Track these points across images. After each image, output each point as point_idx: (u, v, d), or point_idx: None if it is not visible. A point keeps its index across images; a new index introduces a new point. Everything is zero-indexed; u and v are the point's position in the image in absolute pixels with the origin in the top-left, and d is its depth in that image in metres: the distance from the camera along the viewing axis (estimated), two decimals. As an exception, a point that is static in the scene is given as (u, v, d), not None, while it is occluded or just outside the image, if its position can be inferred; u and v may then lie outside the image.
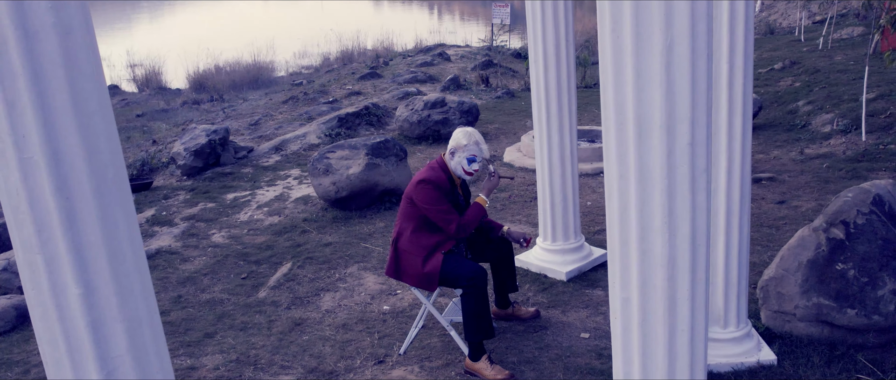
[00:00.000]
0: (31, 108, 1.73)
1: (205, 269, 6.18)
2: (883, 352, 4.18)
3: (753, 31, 4.01)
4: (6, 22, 1.68)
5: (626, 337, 2.59)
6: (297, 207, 7.59)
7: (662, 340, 2.53)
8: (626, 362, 2.62)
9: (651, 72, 2.30)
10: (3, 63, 1.71)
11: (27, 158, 1.76)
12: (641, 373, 2.59)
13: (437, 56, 18.72)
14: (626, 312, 2.56)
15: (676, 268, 2.46)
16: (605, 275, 5.58)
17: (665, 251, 2.43)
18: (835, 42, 13.45)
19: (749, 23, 3.89)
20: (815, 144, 8.31)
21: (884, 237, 4.16)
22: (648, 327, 2.53)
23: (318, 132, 9.90)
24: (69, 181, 1.79)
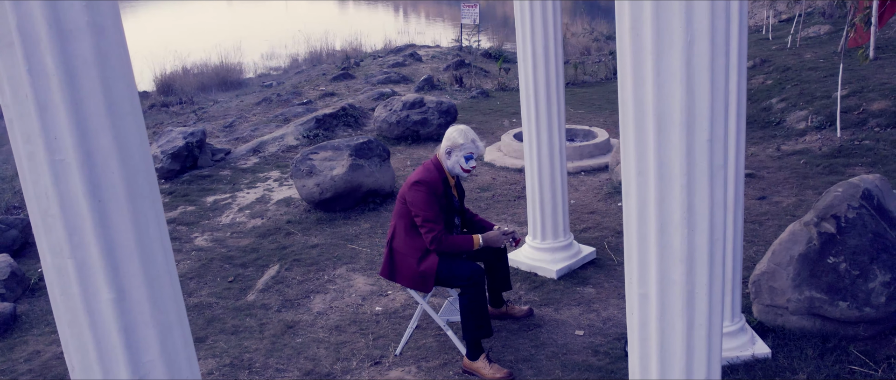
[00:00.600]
0: (65, 109, 1.69)
1: (190, 273, 6.10)
2: (874, 343, 4.26)
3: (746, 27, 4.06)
4: (40, 21, 1.64)
5: (644, 333, 2.61)
6: (280, 209, 7.53)
7: (681, 335, 2.55)
8: (644, 358, 2.64)
9: (671, 69, 2.31)
10: (36, 63, 1.67)
11: (59, 160, 1.73)
12: (659, 368, 2.61)
13: (409, 57, 18.69)
14: (644, 307, 2.58)
15: (695, 263, 2.48)
16: (594, 273, 5.62)
17: (684, 247, 2.46)
18: (803, 40, 13.68)
19: (743, 19, 3.94)
20: (791, 140, 8.44)
21: (874, 231, 4.24)
22: (666, 322, 2.55)
23: (295, 134, 9.83)
24: (101, 184, 1.76)
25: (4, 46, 1.69)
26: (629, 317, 2.68)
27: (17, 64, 1.68)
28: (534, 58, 5.31)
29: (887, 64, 10.24)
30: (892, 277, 4.17)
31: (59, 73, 1.67)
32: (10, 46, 1.68)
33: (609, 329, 4.79)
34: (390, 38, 27.46)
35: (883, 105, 8.35)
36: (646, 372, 2.65)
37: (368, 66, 17.90)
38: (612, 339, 4.68)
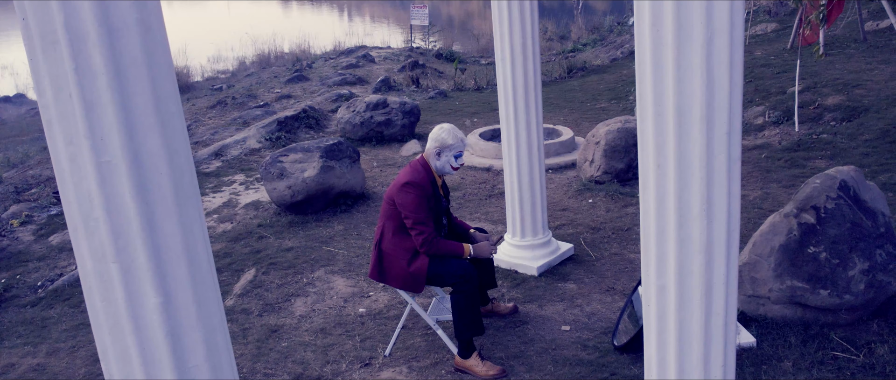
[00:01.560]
0: (113, 108, 1.65)
1: (163, 279, 5.96)
2: (854, 329, 4.39)
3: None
4: (89, 18, 1.59)
5: (662, 324, 2.65)
6: (249, 212, 7.42)
7: (699, 324, 2.59)
8: (662, 348, 2.68)
9: (692, 64, 2.35)
10: (83, 62, 1.62)
11: (105, 162, 1.68)
12: (677, 357, 2.65)
13: (362, 58, 18.59)
14: (662, 299, 2.62)
15: (713, 254, 2.53)
16: (573, 269, 5.67)
17: (703, 238, 2.50)
18: (752, 38, 14.02)
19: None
20: (751, 135, 8.65)
21: (852, 220, 4.36)
22: (685, 312, 2.59)
23: (258, 136, 9.70)
24: (149, 185, 1.72)
25: (48, 45, 1.63)
26: (646, 309, 2.71)
27: (62, 62, 1.63)
28: (512, 57, 5.33)
29: (837, 60, 10.56)
30: (870, 265, 4.31)
31: (107, 72, 1.62)
32: (55, 44, 1.63)
33: (594, 324, 4.84)
34: (339, 40, 27.29)
35: (837, 100, 8.61)
36: (663, 363, 2.69)
37: (321, 68, 17.76)
38: (598, 333, 4.73)
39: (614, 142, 7.57)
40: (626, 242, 6.08)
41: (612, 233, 6.31)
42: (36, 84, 1.70)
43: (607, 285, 5.36)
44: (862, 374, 4.00)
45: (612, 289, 5.30)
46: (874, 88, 8.77)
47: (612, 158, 7.60)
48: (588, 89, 13.49)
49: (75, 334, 5.15)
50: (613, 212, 6.82)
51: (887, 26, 11.84)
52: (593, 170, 7.72)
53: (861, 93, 8.68)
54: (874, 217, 4.47)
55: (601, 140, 7.66)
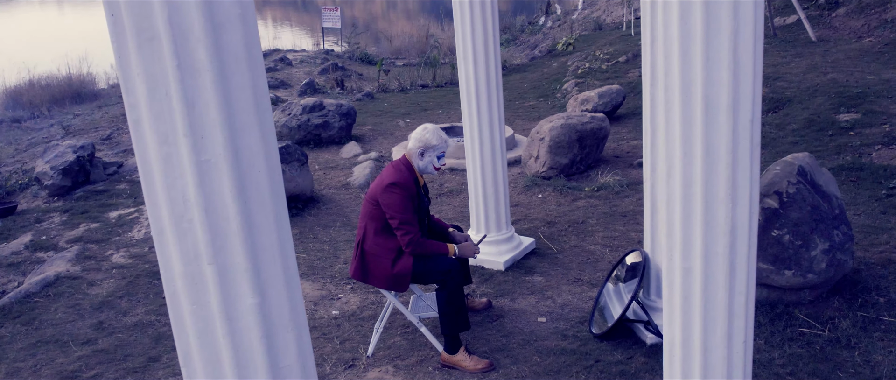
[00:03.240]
0: (216, 106, 1.61)
1: (118, 291, 5.76)
2: (816, 306, 4.64)
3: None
4: (194, 13, 1.56)
5: (687, 305, 2.75)
6: (194, 220, 7.22)
7: (723, 303, 2.71)
8: (687, 328, 2.78)
9: (720, 55, 2.46)
10: (185, 58, 1.58)
11: (205, 161, 1.64)
12: (702, 336, 2.76)
13: (279, 61, 18.31)
14: (688, 281, 2.72)
15: (737, 235, 2.64)
16: (538, 262, 5.77)
17: (728, 221, 2.61)
18: (666, 35, 14.51)
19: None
20: (682, 128, 8.96)
21: (812, 204, 4.61)
22: (710, 293, 2.70)
23: (191, 143, 9.44)
24: (247, 184, 1.69)
25: (144, 41, 1.59)
26: (669, 291, 2.81)
27: (162, 59, 1.58)
28: (474, 56, 5.40)
29: (752, 55, 11.06)
30: (830, 245, 4.56)
31: (211, 68, 1.59)
32: (152, 41, 1.58)
33: (569, 314, 4.95)
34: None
35: (762, 91, 9.02)
36: (688, 341, 2.79)
37: (239, 72, 17.38)
38: (575, 323, 4.84)
39: (558, 138, 7.74)
40: (584, 235, 6.24)
41: (567, 226, 6.45)
42: (124, 82, 1.65)
43: (574, 277, 5.48)
44: (830, 347, 4.24)
45: (580, 280, 5.43)
46: (794, 81, 9.25)
47: (556, 153, 7.76)
48: (513, 88, 13.70)
49: (35, 352, 4.92)
50: (565, 206, 6.98)
51: (794, 21, 12.49)
52: (539, 166, 7.86)
53: (783, 85, 9.15)
54: (829, 200, 4.74)
55: (545, 137, 7.81)
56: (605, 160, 8.23)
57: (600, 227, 6.38)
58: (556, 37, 19.55)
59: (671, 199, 2.69)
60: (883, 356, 4.09)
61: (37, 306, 5.58)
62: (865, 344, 4.22)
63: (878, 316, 4.46)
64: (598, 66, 12.82)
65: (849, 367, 4.05)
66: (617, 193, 7.15)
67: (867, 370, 4.00)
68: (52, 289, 5.82)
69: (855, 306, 4.57)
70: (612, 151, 8.59)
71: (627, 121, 9.86)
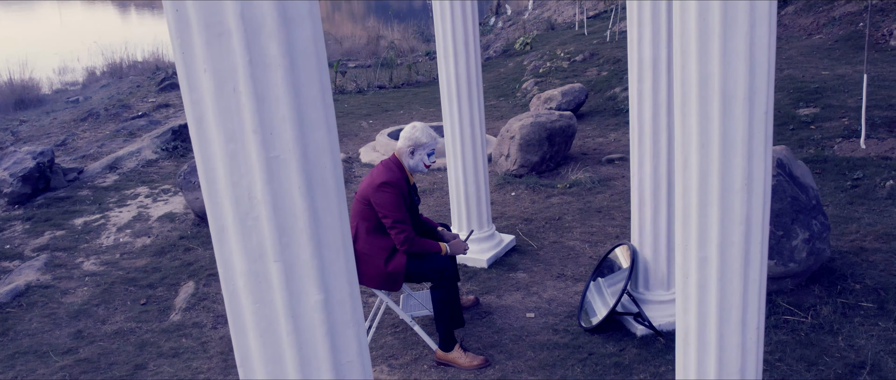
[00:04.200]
0: (286, 101, 1.60)
1: (93, 299, 5.63)
2: (797, 294, 4.78)
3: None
4: (267, 7, 1.54)
5: (703, 293, 2.81)
6: (164, 225, 7.10)
7: (738, 292, 2.78)
8: (702, 317, 2.84)
9: (737, 49, 2.53)
10: (256, 53, 1.57)
11: (273, 157, 1.63)
12: (718, 324, 2.82)
13: (232, 64, 18.06)
14: (704, 270, 2.78)
15: (752, 224, 2.72)
16: (519, 259, 5.82)
17: (744, 210, 2.68)
18: (620, 34, 14.76)
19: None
20: (646, 125, 9.13)
21: (791, 195, 4.75)
22: (726, 281, 2.77)
23: (153, 147, 9.27)
24: (314, 180, 1.68)
25: (213, 37, 1.57)
26: (684, 280, 2.87)
27: (232, 54, 1.57)
28: (455, 56, 5.42)
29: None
30: (809, 235, 4.71)
31: (283, 63, 1.58)
32: (222, 36, 1.56)
33: (556, 309, 5.01)
34: (198, 47, 26.33)
35: (720, 89, 9.23)
36: (704, 329, 2.85)
37: (191, 75, 17.09)
38: (563, 317, 4.89)
39: (528, 136, 7.81)
40: (562, 231, 6.31)
41: (544, 223, 6.52)
42: (187, 79, 1.63)
43: (557, 272, 5.55)
44: (814, 333, 4.37)
45: (563, 275, 5.49)
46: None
47: (527, 151, 7.83)
48: (472, 88, 13.75)
49: (13, 364, 4.77)
50: (539, 203, 7.04)
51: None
52: (510, 164, 7.92)
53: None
54: (807, 191, 4.89)
55: (516, 135, 7.87)
56: (573, 157, 8.34)
57: (577, 223, 6.46)
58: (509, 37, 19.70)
59: (687, 190, 2.75)
60: (865, 340, 4.23)
61: (10, 316, 5.42)
62: (847, 329, 4.36)
63: (857, 302, 4.61)
64: (560, 65, 12.96)
65: (834, 352, 4.18)
66: (589, 190, 7.25)
67: (852, 354, 4.13)
68: (24, 299, 5.66)
69: (834, 293, 4.71)
70: (579, 149, 8.70)
71: (591, 119, 10.00)
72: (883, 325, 4.36)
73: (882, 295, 4.64)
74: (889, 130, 7.15)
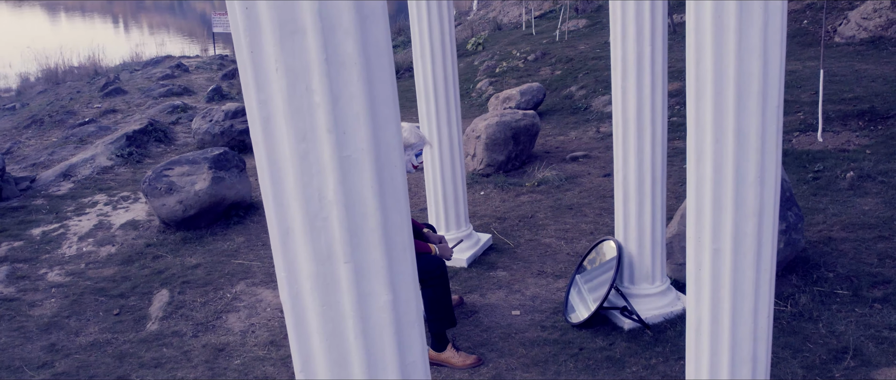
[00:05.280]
0: (360, 99, 1.58)
1: (63, 311, 5.45)
2: (777, 284, 4.87)
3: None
4: (345, 5, 1.53)
5: (717, 284, 2.87)
6: (128, 233, 6.92)
7: (751, 281, 2.85)
8: (716, 306, 2.90)
9: (752, 45, 2.59)
10: (332, 51, 1.55)
11: (346, 157, 1.61)
12: (731, 313, 2.89)
13: (176, 68, 17.72)
14: (718, 261, 2.85)
15: (764, 216, 2.79)
16: (498, 258, 5.85)
17: (757, 202, 2.75)
18: (568, 33, 14.94)
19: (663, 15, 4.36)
20: (605, 122, 9.28)
21: (768, 187, 4.87)
22: (739, 273, 2.83)
23: (107, 153, 9.03)
24: (384, 179, 1.66)
25: (287, 35, 1.54)
26: (696, 272, 2.93)
27: (307, 52, 1.54)
28: (431, 56, 5.41)
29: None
30: (786, 226, 4.84)
31: (359, 61, 1.56)
32: (296, 34, 1.54)
33: (541, 306, 5.05)
34: (135, 52, 25.78)
35: (675, 86, 9.44)
36: (717, 319, 2.91)
37: (134, 80, 16.72)
38: (549, 314, 4.93)
39: (494, 135, 7.85)
40: (536, 229, 6.36)
41: (518, 221, 6.56)
42: (254, 79, 1.59)
43: (537, 270, 5.59)
44: (796, 321, 4.50)
45: (543, 272, 5.54)
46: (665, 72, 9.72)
47: (493, 150, 7.87)
48: (425, 89, 13.75)
49: (-13, 381, 4.60)
50: (509, 202, 7.09)
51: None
52: (476, 163, 7.95)
53: (696, 79, 9.57)
54: (780, 183, 5.02)
55: (481, 134, 7.91)
56: (537, 156, 8.41)
57: (550, 220, 6.52)
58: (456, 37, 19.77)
59: (700, 183, 2.80)
60: (845, 327, 4.37)
61: (-24, 331, 5.21)
62: (827, 317, 4.49)
63: (833, 290, 4.76)
64: (516, 64, 13.05)
65: (816, 339, 4.31)
66: (558, 187, 7.32)
67: (834, 340, 4.27)
68: (-10, 312, 5.45)
69: (810, 281, 4.86)
70: (542, 147, 8.78)
71: (549, 117, 10.10)
72: (859, 311, 4.51)
73: (855, 282, 4.80)
74: (843, 123, 7.40)
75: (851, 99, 7.80)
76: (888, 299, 4.58)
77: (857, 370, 3.99)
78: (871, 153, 6.66)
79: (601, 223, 6.33)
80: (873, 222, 5.54)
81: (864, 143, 6.91)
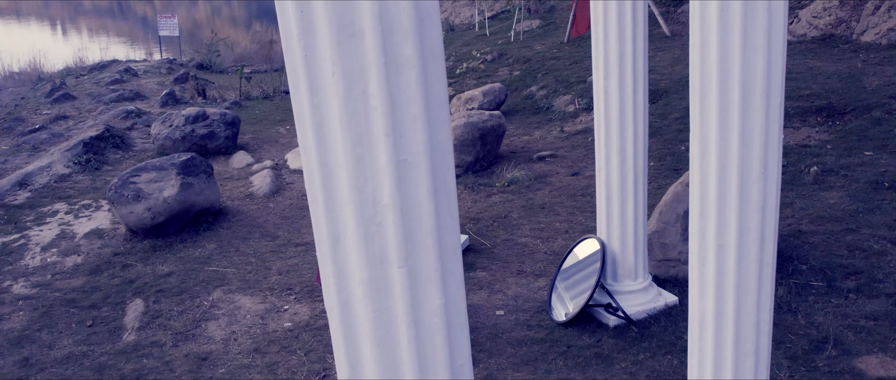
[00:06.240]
0: (419, 102, 1.58)
1: (33, 324, 5.29)
2: (753, 278, 5.02)
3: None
4: (404, 8, 1.51)
5: (721, 279, 2.93)
6: (93, 242, 6.75)
7: (754, 275, 2.91)
8: (720, 301, 2.96)
9: (756, 45, 2.65)
10: (390, 54, 1.54)
11: (403, 160, 1.60)
12: (735, 306, 2.94)
13: (124, 72, 17.31)
14: (722, 256, 2.90)
15: (767, 211, 2.85)
16: (476, 258, 5.87)
17: (761, 198, 2.81)
18: (524, 34, 15.05)
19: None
20: (569, 122, 9.37)
21: (744, 183, 4.98)
22: (744, 267, 2.89)
23: (64, 161, 8.78)
24: (438, 182, 1.66)
25: (345, 38, 1.52)
26: (701, 267, 2.98)
27: (365, 56, 1.53)
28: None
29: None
30: (762, 220, 4.95)
31: (417, 64, 1.55)
32: (354, 37, 1.52)
33: (524, 305, 5.08)
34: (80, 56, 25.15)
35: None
36: (721, 313, 2.97)
37: (82, 85, 16.30)
38: (533, 313, 4.97)
39: (462, 136, 7.87)
40: (511, 229, 6.39)
41: (492, 221, 6.59)
42: (307, 83, 1.57)
43: (516, 269, 5.62)
44: (776, 313, 4.60)
45: (523, 272, 5.57)
46: (665, 73, 9.89)
47: (462, 151, 7.89)
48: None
49: (-40, 399, 4.44)
50: (481, 202, 7.11)
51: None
52: (445, 165, 7.95)
53: (656, 77, 9.75)
54: (755, 179, 5.14)
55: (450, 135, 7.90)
56: (504, 156, 8.45)
57: (524, 220, 6.56)
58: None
59: (705, 180, 2.85)
60: (823, 317, 4.50)
61: (-58, 347, 5.03)
62: (804, 308, 4.62)
63: (808, 282, 4.89)
64: (476, 65, 13.09)
65: (797, 329, 4.42)
66: (528, 187, 7.37)
67: (813, 331, 4.38)
68: (-45, 328, 5.26)
69: (785, 274, 4.98)
70: (508, 147, 8.83)
71: (512, 118, 10.16)
72: (835, 302, 4.64)
73: (829, 274, 4.94)
74: (802, 119, 7.60)
75: (809, 96, 8.02)
76: (861, 290, 4.72)
77: (840, 359, 4.10)
78: (832, 148, 6.86)
79: (575, 222, 6.39)
80: (840, 215, 5.71)
81: (825, 138, 7.11)
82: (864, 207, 5.73)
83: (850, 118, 7.39)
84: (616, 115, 4.52)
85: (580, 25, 13.07)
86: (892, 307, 4.47)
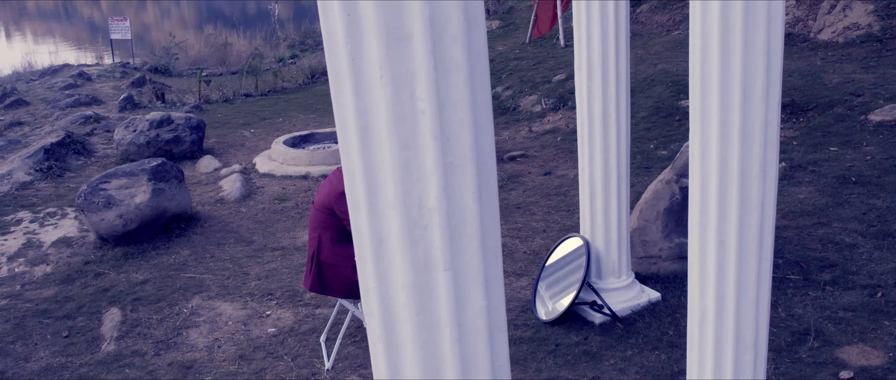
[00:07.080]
0: (466, 105, 1.57)
1: (6, 336, 5.15)
2: (732, 273, 5.12)
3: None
4: (454, 10, 1.52)
5: (722, 275, 2.98)
6: (62, 251, 6.60)
7: (754, 271, 2.97)
8: (720, 297, 3.01)
9: (756, 45, 2.71)
10: (439, 57, 1.54)
11: (449, 163, 1.60)
12: (736, 299, 3.00)
13: (78, 77, 16.92)
14: (723, 252, 2.96)
15: (766, 208, 2.91)
16: (456, 258, 5.86)
17: (760, 194, 2.88)
18: (485, 35, 15.11)
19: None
20: (536, 122, 9.44)
21: (722, 180, 5.08)
22: (744, 262, 2.95)
23: (25, 168, 8.56)
24: (483, 185, 1.66)
25: (394, 41, 1.52)
26: (701, 263, 3.03)
27: (414, 59, 1.52)
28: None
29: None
30: (740, 216, 5.05)
31: (466, 67, 1.55)
32: (403, 40, 1.52)
33: (508, 305, 5.10)
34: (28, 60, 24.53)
35: (602, 84, 9.67)
36: (722, 309, 3.02)
37: (34, 90, 15.89)
38: (518, 312, 4.99)
39: (434, 137, 7.86)
40: (489, 229, 6.40)
41: (469, 222, 6.59)
42: (353, 87, 1.55)
43: (497, 269, 5.63)
44: (756, 307, 4.70)
45: (505, 272, 5.59)
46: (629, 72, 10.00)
47: (434, 153, 7.89)
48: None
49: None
50: (456, 203, 7.11)
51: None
52: (418, 166, 7.95)
53: (621, 77, 9.86)
54: (732, 176, 5.24)
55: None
56: (475, 157, 8.47)
57: (501, 220, 6.57)
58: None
59: (705, 177, 2.91)
60: (802, 310, 4.61)
61: (-88, 363, 4.87)
62: (784, 301, 4.72)
63: (785, 275, 5.00)
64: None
65: (778, 322, 4.52)
66: (501, 188, 7.41)
67: (794, 323, 4.49)
68: (-76, 342, 5.10)
69: (763, 268, 5.08)
70: (478, 148, 8.85)
71: (480, 118, 10.19)
72: (813, 294, 4.75)
73: (804, 267, 5.06)
74: (767, 116, 7.76)
75: (772, 93, 8.20)
76: (837, 282, 4.85)
77: (822, 350, 4.20)
78: (798, 144, 7.03)
79: (552, 221, 6.45)
80: (810, 210, 5.85)
81: (791, 135, 7.28)
82: (834, 201, 5.89)
83: (814, 115, 7.58)
84: (599, 114, 4.57)
85: (542, 26, 13.17)
86: (868, 298, 4.60)
